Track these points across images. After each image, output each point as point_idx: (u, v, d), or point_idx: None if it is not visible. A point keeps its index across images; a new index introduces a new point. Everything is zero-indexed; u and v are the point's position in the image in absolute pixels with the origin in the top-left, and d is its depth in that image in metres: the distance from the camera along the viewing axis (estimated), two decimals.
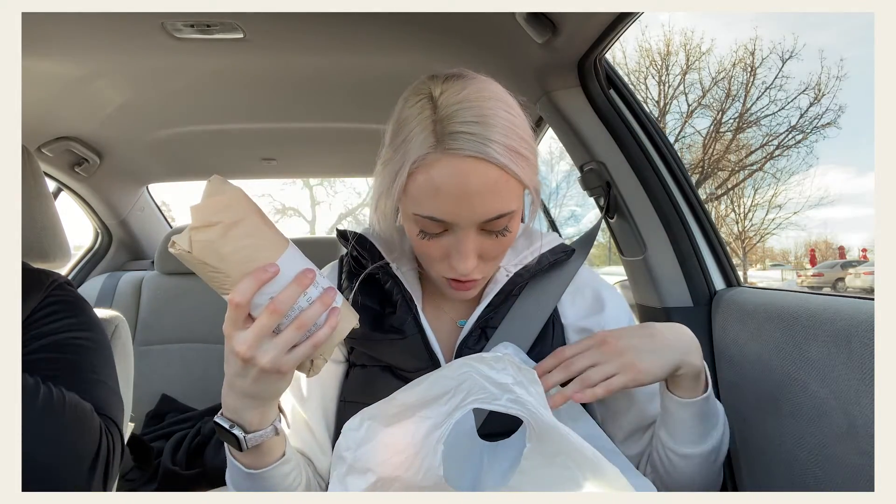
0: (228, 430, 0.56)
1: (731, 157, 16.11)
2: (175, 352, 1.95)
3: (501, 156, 0.58)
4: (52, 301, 0.81)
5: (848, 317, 0.72)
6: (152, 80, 1.29)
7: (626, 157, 1.07)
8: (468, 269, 0.62)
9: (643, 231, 1.09)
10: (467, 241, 0.61)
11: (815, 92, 14.95)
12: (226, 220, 0.49)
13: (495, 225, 0.61)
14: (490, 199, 0.59)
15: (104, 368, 0.80)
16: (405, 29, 1.04)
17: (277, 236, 0.53)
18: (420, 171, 0.59)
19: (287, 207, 20.80)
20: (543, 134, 1.65)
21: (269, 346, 0.51)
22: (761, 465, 0.87)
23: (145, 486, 1.49)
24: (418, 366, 0.70)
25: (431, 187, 0.58)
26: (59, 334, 0.77)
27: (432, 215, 0.60)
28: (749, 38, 16.15)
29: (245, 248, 0.49)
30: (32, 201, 0.91)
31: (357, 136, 1.73)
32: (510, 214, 0.61)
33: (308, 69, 1.26)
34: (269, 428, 0.58)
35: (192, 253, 0.48)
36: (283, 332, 0.51)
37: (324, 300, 0.52)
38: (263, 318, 0.50)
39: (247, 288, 0.49)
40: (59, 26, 0.99)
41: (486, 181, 0.58)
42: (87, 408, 0.70)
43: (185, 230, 0.49)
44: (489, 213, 0.59)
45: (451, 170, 0.57)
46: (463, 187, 0.57)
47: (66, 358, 0.76)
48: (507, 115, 0.60)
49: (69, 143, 1.62)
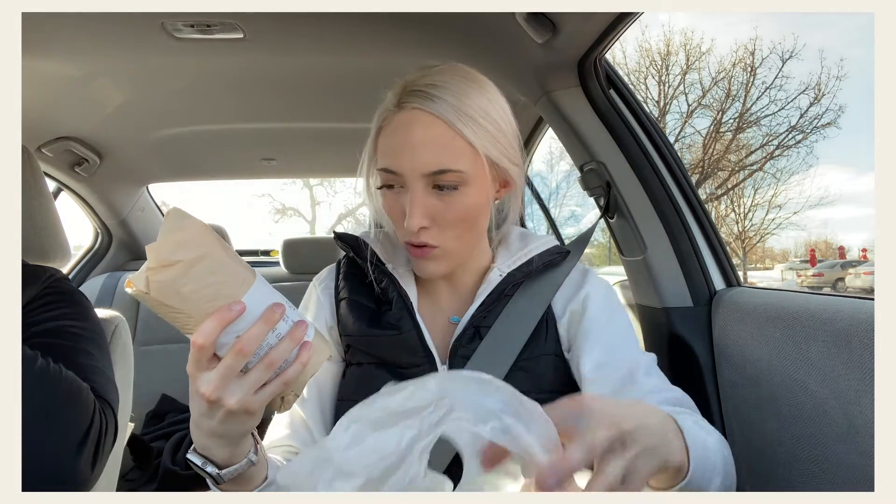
0: (202, 468, 0.55)
1: (731, 157, 16.12)
2: (175, 352, 1.95)
3: (447, 112, 0.62)
4: (49, 293, 0.81)
5: (848, 317, 0.72)
6: (152, 80, 1.29)
7: (626, 157, 1.07)
8: (414, 226, 0.64)
9: (643, 231, 1.09)
10: (414, 195, 0.64)
11: (815, 92, 14.97)
12: (186, 257, 0.46)
13: (441, 179, 0.63)
14: (433, 151, 0.62)
15: (101, 357, 0.81)
16: (405, 29, 1.04)
17: (243, 270, 0.50)
18: (383, 130, 0.67)
19: (287, 207, 20.82)
20: (543, 134, 1.65)
21: (235, 388, 0.48)
22: (761, 465, 0.87)
23: (145, 486, 1.49)
24: (414, 361, 0.71)
25: (387, 141, 0.66)
26: (55, 322, 0.78)
27: (385, 166, 0.65)
28: (749, 38, 16.16)
29: (208, 287, 0.46)
30: (32, 201, 0.91)
31: (357, 136, 1.72)
32: (458, 174, 0.63)
33: (308, 69, 1.26)
34: (243, 461, 0.56)
35: (149, 294, 0.45)
36: (251, 371, 0.49)
37: (294, 335, 0.50)
38: (229, 359, 0.47)
39: (210, 329, 0.46)
40: (59, 26, 0.99)
41: (429, 133, 0.63)
42: (84, 386, 0.70)
43: (141, 269, 0.46)
44: (431, 164, 0.63)
45: (402, 122, 0.64)
46: (407, 136, 0.63)
47: (61, 343, 0.76)
48: (470, 89, 0.65)
49: (69, 143, 1.62)
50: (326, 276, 0.82)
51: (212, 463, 0.55)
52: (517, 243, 0.78)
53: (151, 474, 1.52)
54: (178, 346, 1.96)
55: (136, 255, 2.38)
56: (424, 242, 0.66)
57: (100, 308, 1.03)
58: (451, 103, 0.63)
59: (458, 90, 0.64)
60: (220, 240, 0.50)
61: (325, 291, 0.79)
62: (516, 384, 0.70)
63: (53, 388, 0.66)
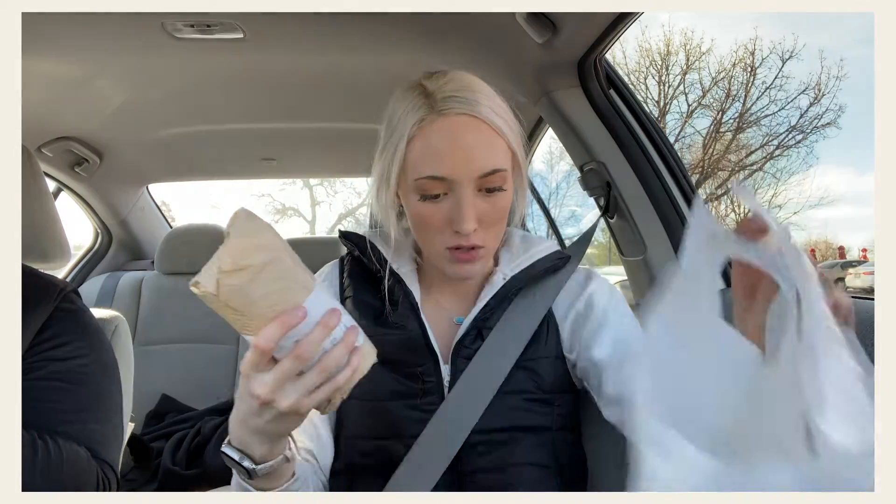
0: (238, 462, 0.55)
1: (731, 157, 16.11)
2: (175, 352, 1.95)
3: (489, 114, 0.64)
4: (61, 317, 0.80)
5: None
6: (152, 80, 1.29)
7: (626, 157, 1.07)
8: (470, 228, 0.64)
9: (643, 231, 1.09)
10: (467, 199, 0.64)
11: (815, 92, 14.94)
12: (257, 262, 0.46)
13: (491, 181, 0.64)
14: (484, 153, 0.63)
15: (109, 396, 0.81)
16: (405, 29, 1.04)
17: (305, 276, 0.51)
18: (417, 138, 0.64)
19: (287, 207, 20.80)
20: (543, 134, 1.65)
21: (290, 391, 0.49)
22: None
23: (145, 486, 1.49)
24: (419, 360, 0.71)
25: (429, 149, 0.63)
26: (69, 361, 0.78)
27: (432, 174, 0.63)
28: (749, 38, 16.15)
29: (274, 293, 0.47)
30: (32, 201, 0.91)
31: (357, 136, 1.73)
32: (504, 173, 0.65)
33: (307, 69, 1.26)
34: (279, 458, 0.57)
35: (217, 296, 0.45)
36: (306, 375, 0.49)
37: (347, 341, 0.51)
38: (287, 363, 0.48)
39: (273, 334, 0.47)
40: (59, 26, 0.99)
41: (479, 136, 0.63)
42: (83, 457, 0.71)
43: (210, 269, 0.46)
44: (485, 167, 0.63)
45: (447, 127, 0.63)
46: (459, 142, 0.63)
47: (72, 389, 0.76)
48: (490, 91, 0.67)
49: (69, 143, 1.62)
50: (330, 273, 0.81)
51: (248, 458, 0.55)
52: (519, 246, 0.79)
53: (151, 474, 1.52)
54: (178, 346, 1.96)
55: (136, 255, 2.38)
56: (475, 244, 0.66)
57: (100, 308, 1.03)
58: (488, 105, 0.64)
59: (485, 92, 0.66)
60: (286, 244, 0.50)
61: (329, 289, 0.79)
62: (517, 384, 0.70)
63: (56, 473, 0.67)
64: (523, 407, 0.70)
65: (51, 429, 0.71)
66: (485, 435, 0.68)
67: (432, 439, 0.67)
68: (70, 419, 0.74)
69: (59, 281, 0.85)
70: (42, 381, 0.74)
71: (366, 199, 0.96)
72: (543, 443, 0.70)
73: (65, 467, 0.68)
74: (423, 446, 0.67)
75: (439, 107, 0.63)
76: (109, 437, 0.79)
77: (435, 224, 0.66)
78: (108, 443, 0.78)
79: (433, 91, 0.64)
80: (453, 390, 0.68)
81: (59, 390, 0.75)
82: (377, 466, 0.68)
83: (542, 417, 0.70)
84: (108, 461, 0.77)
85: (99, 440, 0.76)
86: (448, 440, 0.67)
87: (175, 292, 2.02)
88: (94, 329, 0.84)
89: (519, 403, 0.70)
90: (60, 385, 0.75)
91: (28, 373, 0.73)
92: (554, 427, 0.71)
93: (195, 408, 1.84)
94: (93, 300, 1.96)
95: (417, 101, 0.65)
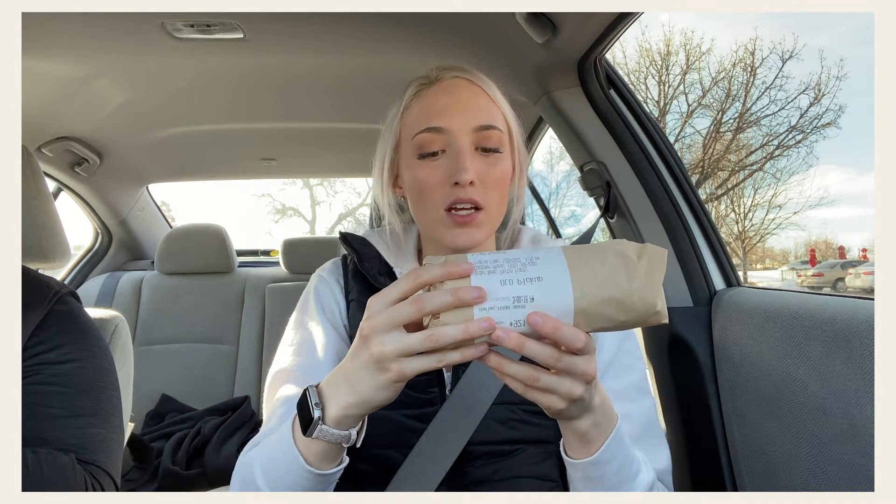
0: (310, 401, 0.52)
1: (731, 157, 16.11)
2: (175, 352, 1.95)
3: (484, 83, 0.70)
4: (56, 320, 0.79)
5: (848, 317, 0.72)
6: (152, 80, 1.29)
7: (626, 157, 1.07)
8: (468, 178, 0.65)
9: (643, 231, 1.09)
10: (464, 150, 0.66)
11: (815, 92, 14.94)
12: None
13: (487, 137, 0.67)
14: (479, 109, 0.68)
15: (106, 399, 0.80)
16: (405, 29, 1.04)
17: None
18: (414, 103, 0.70)
19: (287, 207, 20.80)
20: (543, 134, 1.65)
21: (393, 339, 0.46)
22: (761, 464, 0.87)
23: (145, 486, 1.49)
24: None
25: (425, 107, 0.69)
26: (63, 364, 0.76)
27: (429, 125, 0.67)
28: (749, 38, 16.16)
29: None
30: (32, 201, 0.91)
31: (357, 136, 1.74)
32: (501, 135, 0.69)
33: (308, 69, 1.26)
34: (346, 431, 0.52)
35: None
36: (414, 335, 0.46)
37: (469, 328, 0.45)
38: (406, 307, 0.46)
39: (433, 275, 0.46)
40: (59, 26, 0.99)
41: (475, 96, 0.69)
42: (67, 466, 0.69)
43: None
44: (481, 119, 0.67)
45: (443, 88, 0.69)
46: (454, 96, 0.68)
47: (66, 392, 0.75)
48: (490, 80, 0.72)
49: (69, 143, 1.62)
50: (333, 271, 0.79)
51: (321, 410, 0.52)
52: (528, 247, 0.77)
53: (151, 474, 1.52)
54: (178, 346, 1.96)
55: (136, 255, 2.38)
56: (473, 199, 0.66)
57: (100, 308, 1.03)
58: (486, 81, 0.71)
59: (483, 75, 0.71)
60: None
61: (335, 287, 0.77)
62: (517, 394, 0.70)
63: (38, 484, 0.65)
64: (523, 419, 0.68)
65: (43, 433, 0.70)
66: (485, 447, 0.66)
67: (431, 446, 0.66)
68: (63, 423, 0.73)
69: (54, 282, 0.84)
70: (35, 384, 0.73)
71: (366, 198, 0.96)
72: (548, 455, 0.68)
73: (45, 484, 0.66)
74: (421, 453, 0.65)
75: (436, 75, 0.70)
76: (106, 440, 0.78)
77: (433, 184, 0.67)
78: (105, 445, 0.77)
79: (430, 72, 0.71)
80: (451, 396, 0.67)
81: (52, 394, 0.74)
82: (378, 474, 0.67)
83: (544, 430, 0.68)
84: (104, 464, 0.75)
85: (94, 443, 0.75)
86: (447, 447, 0.66)
87: (175, 292, 2.02)
88: (90, 331, 0.83)
89: (518, 415, 0.67)
90: (54, 389, 0.74)
91: (22, 376, 0.72)
92: (555, 440, 0.70)
93: (195, 408, 1.84)
94: (93, 300, 1.96)
95: (415, 82, 0.72)
